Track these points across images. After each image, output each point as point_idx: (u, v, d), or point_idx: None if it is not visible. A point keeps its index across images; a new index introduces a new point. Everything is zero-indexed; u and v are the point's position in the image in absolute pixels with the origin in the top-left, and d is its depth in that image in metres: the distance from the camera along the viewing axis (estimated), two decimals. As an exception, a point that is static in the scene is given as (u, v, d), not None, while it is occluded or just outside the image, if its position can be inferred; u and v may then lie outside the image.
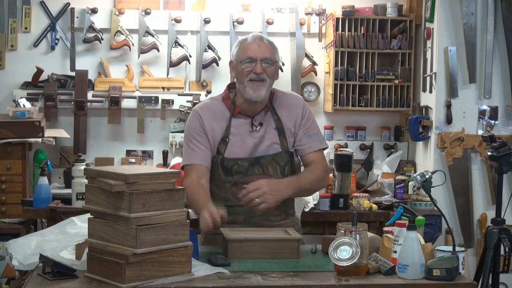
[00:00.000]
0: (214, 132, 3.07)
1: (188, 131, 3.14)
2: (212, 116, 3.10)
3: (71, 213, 3.42)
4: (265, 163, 3.05)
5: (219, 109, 3.12)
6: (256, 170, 3.04)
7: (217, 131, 3.07)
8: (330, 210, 4.13)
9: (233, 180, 3.04)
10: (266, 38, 3.13)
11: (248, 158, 3.05)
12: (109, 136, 4.86)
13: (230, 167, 3.04)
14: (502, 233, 3.40)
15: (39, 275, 2.44)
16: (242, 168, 3.04)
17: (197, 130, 3.09)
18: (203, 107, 3.16)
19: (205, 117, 3.09)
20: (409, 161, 4.85)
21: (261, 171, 3.04)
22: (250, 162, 3.04)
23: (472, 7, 4.41)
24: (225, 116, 3.10)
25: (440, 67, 4.46)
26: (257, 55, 3.02)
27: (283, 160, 3.08)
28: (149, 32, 4.75)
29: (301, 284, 2.44)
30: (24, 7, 4.73)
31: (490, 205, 4.44)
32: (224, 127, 3.08)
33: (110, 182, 2.32)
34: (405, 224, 2.56)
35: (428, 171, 2.98)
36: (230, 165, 3.04)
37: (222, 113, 3.11)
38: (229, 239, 2.76)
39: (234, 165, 3.04)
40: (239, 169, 3.04)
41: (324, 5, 4.90)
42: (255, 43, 3.05)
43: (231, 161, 3.04)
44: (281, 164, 3.08)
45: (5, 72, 4.75)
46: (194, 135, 3.09)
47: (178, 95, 4.78)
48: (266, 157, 3.06)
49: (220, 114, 3.11)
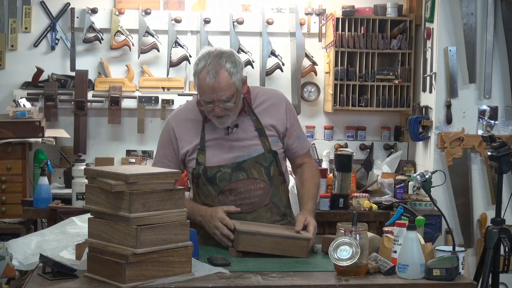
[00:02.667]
0: (189, 141, 3.04)
1: (159, 141, 3.14)
2: (185, 125, 3.06)
3: (71, 213, 3.41)
4: (248, 167, 3.00)
5: (193, 115, 3.07)
6: (240, 175, 3.00)
7: (192, 140, 3.04)
8: (330, 210, 4.13)
9: (219, 188, 3.00)
10: (223, 64, 2.88)
11: (230, 164, 3.00)
12: (109, 136, 4.86)
13: (213, 175, 2.99)
14: (502, 233, 3.40)
15: (39, 275, 2.44)
16: (226, 175, 2.99)
17: (166, 142, 3.08)
18: (176, 117, 3.11)
19: (178, 130, 3.06)
20: (409, 161, 4.85)
21: (246, 176, 3.00)
22: (233, 167, 2.99)
23: (472, 7, 4.41)
24: (198, 122, 3.06)
25: (440, 67, 4.46)
26: (214, 99, 2.89)
27: (266, 161, 3.03)
28: (149, 32, 4.76)
29: (301, 284, 2.44)
30: (24, 7, 4.73)
31: (490, 205, 4.44)
32: (198, 136, 3.03)
33: (110, 182, 2.32)
34: (405, 224, 2.56)
35: (428, 171, 2.97)
36: (213, 173, 2.99)
37: (196, 118, 3.06)
38: (240, 230, 2.77)
39: (217, 172, 2.99)
40: (223, 176, 2.99)
41: (324, 5, 4.91)
42: (210, 85, 2.86)
43: (214, 169, 3.00)
44: (265, 166, 3.03)
45: (5, 72, 4.75)
46: (163, 146, 3.10)
47: (178, 95, 4.78)
48: (248, 161, 3.01)
49: (194, 121, 3.06)
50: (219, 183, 2.99)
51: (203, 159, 3.01)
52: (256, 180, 3.01)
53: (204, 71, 2.88)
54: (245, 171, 3.00)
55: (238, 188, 2.99)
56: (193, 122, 3.06)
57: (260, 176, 3.02)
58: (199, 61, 2.92)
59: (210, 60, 2.89)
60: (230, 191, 2.99)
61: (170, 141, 3.08)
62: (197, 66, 2.92)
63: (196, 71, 2.92)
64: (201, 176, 3.01)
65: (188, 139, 3.05)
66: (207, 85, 2.87)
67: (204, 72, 2.88)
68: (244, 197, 3.00)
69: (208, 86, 2.87)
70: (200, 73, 2.89)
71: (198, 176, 3.01)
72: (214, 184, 3.00)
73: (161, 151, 3.11)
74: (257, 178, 3.01)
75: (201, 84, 2.90)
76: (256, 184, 3.01)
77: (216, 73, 2.87)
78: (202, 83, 2.89)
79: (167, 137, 3.09)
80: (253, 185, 3.01)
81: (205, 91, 2.89)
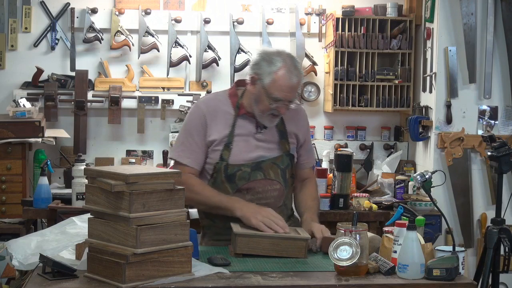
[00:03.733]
0: (218, 130, 3.02)
1: (187, 125, 3.08)
2: (216, 115, 3.04)
3: (71, 213, 3.41)
4: (266, 167, 3.04)
5: (224, 107, 3.06)
6: (258, 175, 3.03)
7: (221, 130, 3.02)
8: (330, 210, 4.13)
9: (236, 186, 3.02)
10: (298, 65, 2.97)
11: (250, 163, 3.02)
12: (109, 136, 4.86)
13: (234, 173, 3.01)
14: (502, 233, 3.40)
15: (39, 275, 2.44)
16: (245, 174, 3.01)
17: (198, 128, 3.04)
18: (208, 104, 3.08)
19: (209, 117, 3.03)
20: (409, 161, 4.85)
21: (263, 176, 3.03)
22: (252, 167, 3.02)
23: (472, 7, 4.41)
24: (229, 114, 3.05)
25: (440, 67, 4.46)
26: (288, 98, 2.94)
27: (283, 163, 3.08)
28: (149, 32, 4.75)
29: (301, 284, 2.44)
30: (24, 7, 4.73)
31: (490, 205, 4.44)
32: (227, 129, 3.02)
33: (110, 182, 2.32)
34: (405, 224, 2.56)
35: (428, 171, 2.98)
36: (234, 171, 3.01)
37: (227, 110, 3.06)
38: (238, 233, 2.77)
39: (238, 171, 3.01)
40: (242, 175, 3.01)
41: (324, 5, 4.90)
42: (290, 84, 2.92)
43: (235, 168, 3.01)
44: (281, 168, 3.07)
45: (5, 72, 4.75)
46: (192, 133, 3.04)
47: (178, 95, 4.78)
48: (266, 161, 3.04)
49: (225, 112, 3.05)
50: (237, 181, 3.01)
51: (227, 156, 3.01)
52: (273, 181, 3.05)
53: (283, 69, 2.91)
54: (263, 171, 3.03)
55: (256, 187, 3.02)
56: (224, 113, 3.05)
57: (276, 177, 3.06)
58: (273, 60, 2.93)
59: (287, 60, 2.94)
60: (248, 190, 3.02)
61: (201, 127, 3.03)
62: (271, 65, 2.93)
63: (270, 70, 2.92)
64: (221, 172, 3.02)
65: (218, 129, 3.02)
66: (287, 84, 2.91)
67: (284, 71, 2.91)
68: (260, 197, 3.04)
69: (288, 85, 2.91)
70: (278, 71, 2.91)
71: (218, 171, 3.02)
72: (232, 182, 3.02)
73: (191, 139, 3.03)
74: (273, 179, 3.05)
75: (280, 83, 2.91)
76: (273, 185, 3.06)
77: (297, 73, 2.94)
78: (281, 82, 2.91)
79: (199, 123, 3.03)
80: (270, 185, 3.05)
81: (283, 89, 2.92)
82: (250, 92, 3.02)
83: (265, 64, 2.95)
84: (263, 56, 2.97)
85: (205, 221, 3.14)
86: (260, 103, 2.97)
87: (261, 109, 2.97)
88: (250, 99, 3.01)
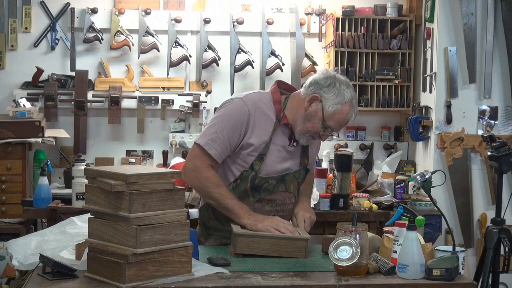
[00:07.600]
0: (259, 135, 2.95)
1: (228, 117, 2.95)
2: (260, 118, 2.96)
3: (71, 213, 3.42)
4: (288, 180, 3.04)
5: (268, 112, 2.99)
6: (280, 187, 3.03)
7: (261, 135, 2.96)
8: (330, 210, 4.13)
9: (259, 196, 3.00)
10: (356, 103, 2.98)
11: (277, 176, 3.01)
12: (109, 136, 4.86)
13: (261, 185, 2.99)
14: (502, 233, 3.41)
15: (39, 275, 2.44)
16: (271, 186, 3.00)
17: (237, 125, 2.93)
18: (255, 105, 2.97)
19: (253, 118, 2.95)
20: (409, 161, 4.85)
21: (284, 188, 3.04)
22: (278, 179, 3.02)
23: (472, 7, 4.41)
24: (271, 121, 2.98)
25: (440, 67, 4.46)
26: (338, 130, 2.99)
27: (300, 177, 3.10)
28: (149, 32, 4.76)
29: (301, 284, 2.44)
30: (24, 7, 4.73)
31: (490, 205, 4.44)
32: (267, 135, 2.96)
33: (110, 182, 2.32)
34: (405, 224, 2.56)
35: (428, 171, 2.98)
36: (261, 183, 2.99)
37: (270, 117, 2.99)
38: (238, 233, 2.77)
39: (265, 183, 2.99)
40: (267, 187, 3.00)
41: (324, 5, 4.91)
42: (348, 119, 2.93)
43: (263, 180, 2.99)
44: (298, 181, 3.10)
45: (5, 72, 4.75)
46: (230, 127, 2.93)
47: (178, 95, 4.78)
48: (289, 174, 3.04)
49: (268, 117, 2.98)
50: (261, 192, 3.00)
51: (258, 166, 2.97)
52: (291, 194, 3.08)
53: (348, 105, 2.91)
54: (285, 184, 3.04)
55: (277, 199, 3.03)
56: (267, 119, 2.99)
57: (294, 190, 3.08)
58: (343, 92, 2.90)
59: (354, 96, 2.93)
60: (269, 201, 3.02)
61: (241, 125, 2.93)
62: (340, 95, 2.90)
63: (338, 100, 2.89)
64: (248, 182, 2.98)
65: (259, 133, 2.96)
66: (346, 120, 2.94)
67: (349, 107, 2.91)
68: (279, 209, 3.05)
69: (346, 120, 2.94)
70: (344, 105, 2.90)
71: (245, 179, 2.98)
72: (256, 192, 3.00)
73: (226, 132, 2.93)
74: (291, 192, 3.07)
75: (341, 116, 2.91)
76: (290, 198, 3.08)
77: (356, 111, 2.97)
78: (342, 116, 2.92)
79: (241, 120, 2.93)
80: (288, 199, 3.08)
81: (340, 123, 2.94)
82: (301, 107, 2.95)
83: (334, 91, 2.90)
84: (334, 83, 2.91)
85: (214, 222, 3.07)
86: (309, 122, 2.93)
87: (307, 128, 2.94)
88: (298, 114, 2.96)
